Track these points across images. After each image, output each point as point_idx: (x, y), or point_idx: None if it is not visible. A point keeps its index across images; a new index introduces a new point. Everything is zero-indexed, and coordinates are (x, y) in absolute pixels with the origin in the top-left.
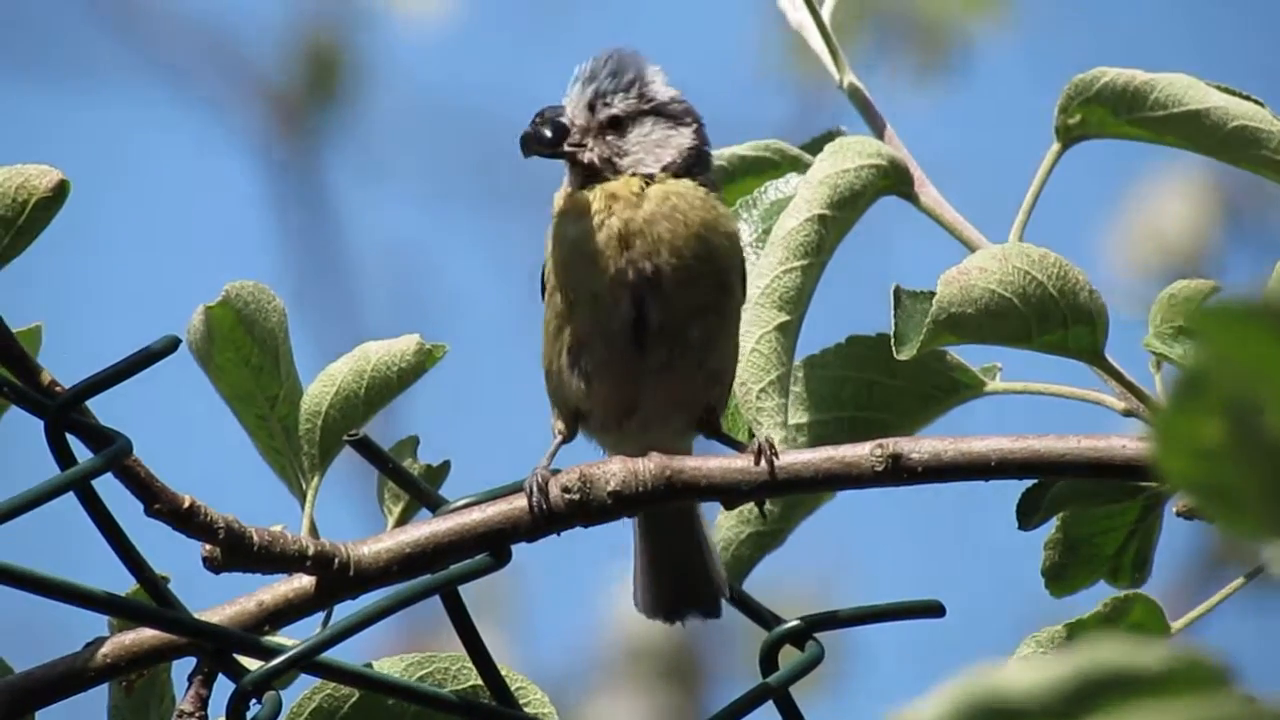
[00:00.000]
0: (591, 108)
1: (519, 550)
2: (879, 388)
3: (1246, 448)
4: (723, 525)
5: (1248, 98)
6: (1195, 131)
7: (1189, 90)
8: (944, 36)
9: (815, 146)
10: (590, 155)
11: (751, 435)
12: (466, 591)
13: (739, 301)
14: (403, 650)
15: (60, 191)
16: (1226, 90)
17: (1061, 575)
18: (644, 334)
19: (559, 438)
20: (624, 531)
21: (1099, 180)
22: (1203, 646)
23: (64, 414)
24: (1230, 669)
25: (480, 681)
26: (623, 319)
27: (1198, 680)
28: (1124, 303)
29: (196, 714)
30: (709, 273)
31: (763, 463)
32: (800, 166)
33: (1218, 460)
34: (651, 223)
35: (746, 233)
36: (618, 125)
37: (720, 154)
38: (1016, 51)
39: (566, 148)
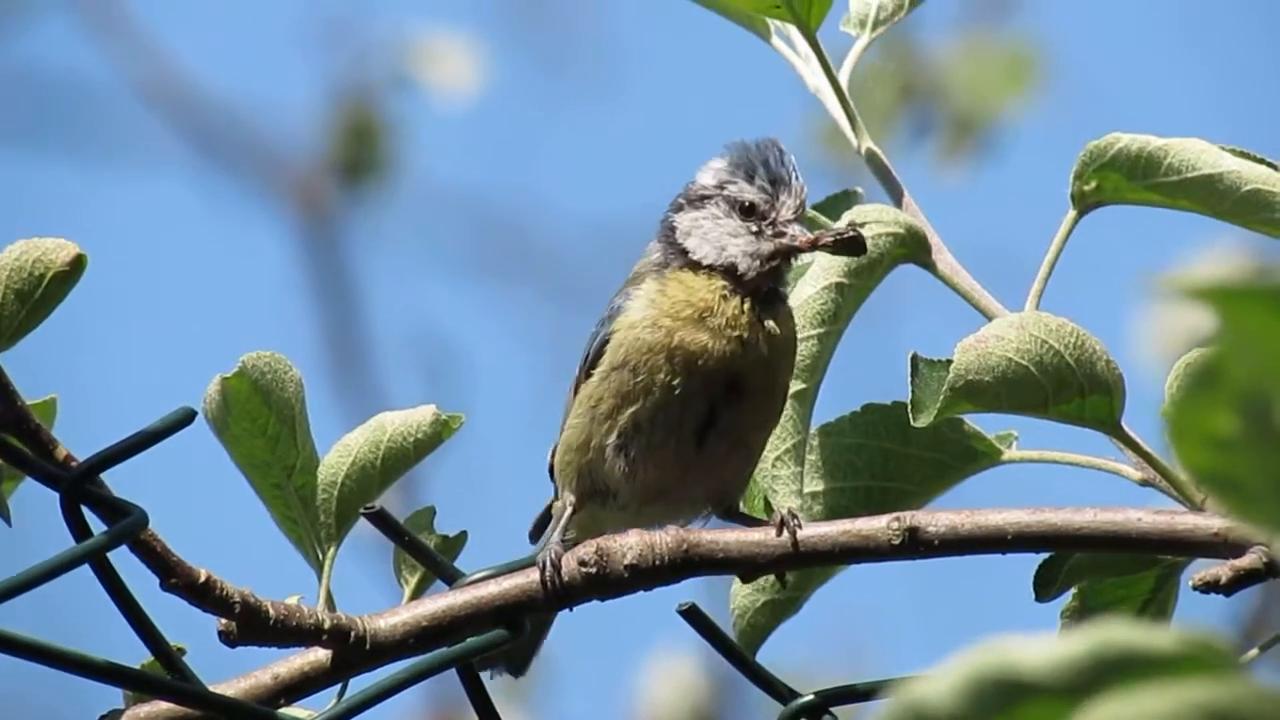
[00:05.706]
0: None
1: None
2: (895, 456)
3: (1259, 439)
4: (738, 594)
5: (1261, 161)
6: (1209, 196)
7: (1202, 155)
8: (977, 117)
9: (830, 206)
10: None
11: (767, 504)
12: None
13: None
14: None
15: (77, 266)
16: (1240, 154)
17: None
18: (708, 431)
19: (570, 509)
20: (651, 607)
21: (1126, 250)
22: (1212, 631)
23: (78, 487)
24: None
25: None
26: (698, 417)
27: (1208, 663)
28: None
29: None
30: (784, 394)
31: (784, 534)
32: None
33: (1231, 451)
34: (773, 357)
35: None
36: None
37: None
38: (1048, 130)
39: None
